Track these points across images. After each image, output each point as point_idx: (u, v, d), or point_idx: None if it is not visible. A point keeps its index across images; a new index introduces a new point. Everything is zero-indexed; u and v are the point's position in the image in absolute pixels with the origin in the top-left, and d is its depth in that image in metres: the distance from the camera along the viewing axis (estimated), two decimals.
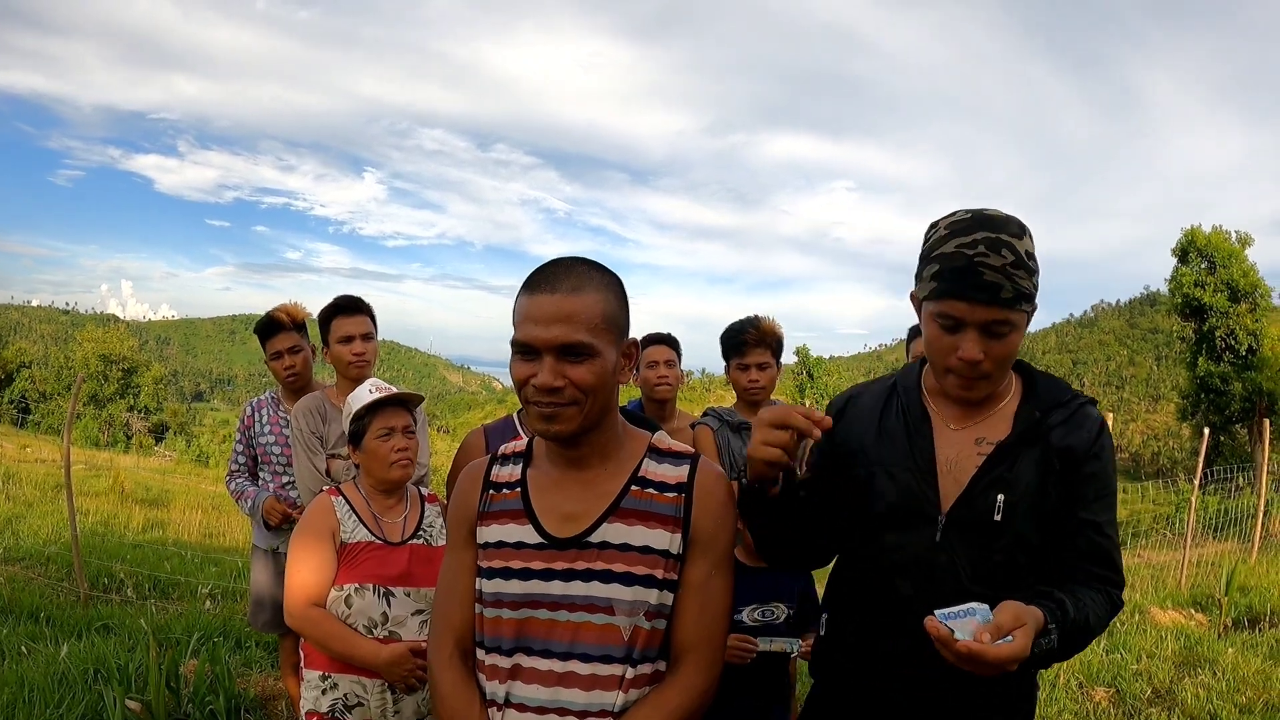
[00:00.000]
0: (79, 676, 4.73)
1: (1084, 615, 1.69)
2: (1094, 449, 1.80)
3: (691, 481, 1.79)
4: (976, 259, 1.70)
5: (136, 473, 21.42)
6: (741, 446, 3.86)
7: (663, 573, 1.73)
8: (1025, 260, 1.71)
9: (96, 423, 53.78)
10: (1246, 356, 35.49)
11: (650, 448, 1.85)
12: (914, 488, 1.84)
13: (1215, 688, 5.56)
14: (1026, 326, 1.78)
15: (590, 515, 1.75)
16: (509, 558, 1.75)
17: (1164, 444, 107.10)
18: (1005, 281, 1.69)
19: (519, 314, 1.69)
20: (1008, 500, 1.76)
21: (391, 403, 2.94)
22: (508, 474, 1.85)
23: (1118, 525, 1.86)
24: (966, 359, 1.75)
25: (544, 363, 1.65)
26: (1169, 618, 7.66)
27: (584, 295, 1.67)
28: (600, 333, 1.68)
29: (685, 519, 1.76)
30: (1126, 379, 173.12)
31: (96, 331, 67.27)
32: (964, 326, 1.74)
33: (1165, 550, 12.06)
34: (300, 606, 2.72)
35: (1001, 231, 1.71)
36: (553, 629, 1.72)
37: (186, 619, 6.41)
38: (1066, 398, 1.86)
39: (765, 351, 3.88)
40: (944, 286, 1.75)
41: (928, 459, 1.85)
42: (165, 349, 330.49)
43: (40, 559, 9.10)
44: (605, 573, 1.71)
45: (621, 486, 1.77)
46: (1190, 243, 36.52)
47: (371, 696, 2.72)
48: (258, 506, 4.13)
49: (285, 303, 4.37)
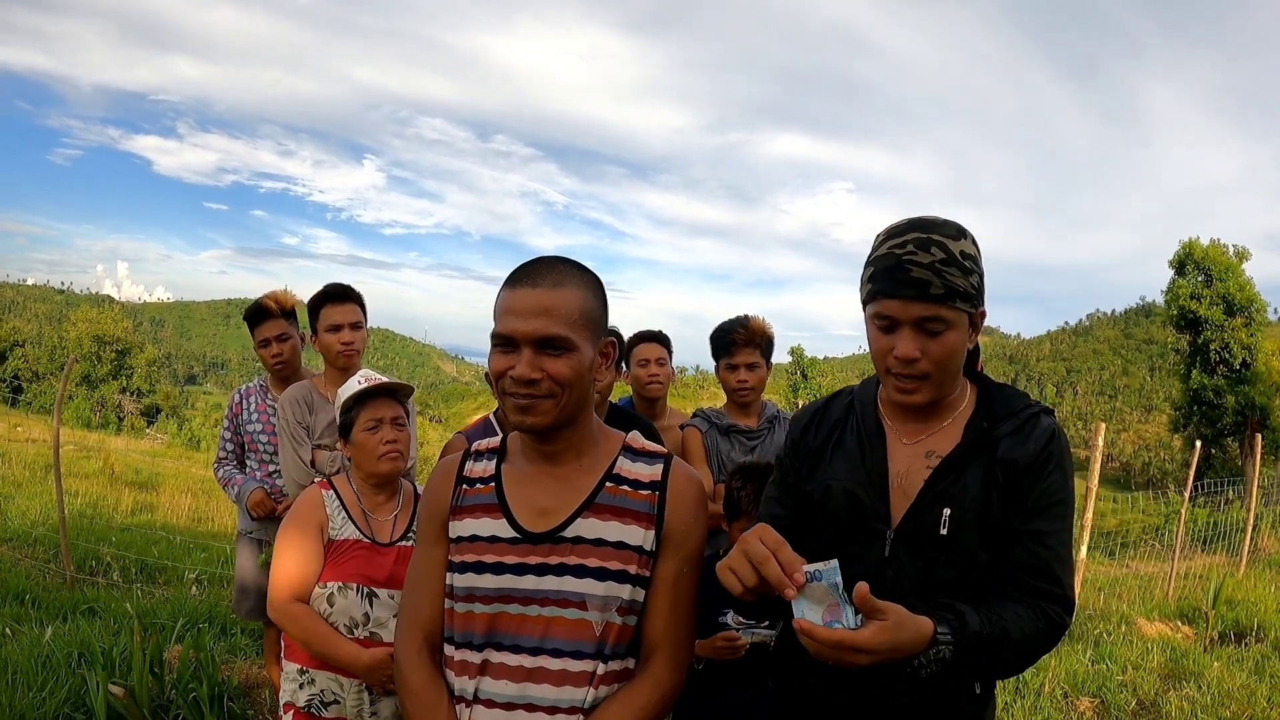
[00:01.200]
0: (63, 660, 4.71)
1: (996, 629, 1.62)
2: (1041, 458, 1.76)
3: (665, 480, 1.82)
4: (905, 257, 1.72)
5: (127, 455, 21.33)
6: (730, 449, 3.85)
7: (636, 568, 1.75)
8: (958, 259, 1.71)
9: (88, 403, 53.53)
10: (1240, 370, 35.54)
11: (625, 446, 1.88)
12: (864, 502, 1.84)
13: (1200, 701, 5.57)
14: (970, 329, 1.78)
15: (565, 510, 1.77)
16: (482, 552, 1.76)
17: (1155, 455, 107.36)
18: (934, 278, 1.69)
19: (500, 308, 1.72)
20: (953, 514, 1.75)
21: (380, 393, 2.90)
22: (482, 469, 1.87)
23: (1068, 539, 1.78)
24: (900, 357, 1.75)
25: (522, 355, 1.68)
26: (1155, 630, 7.66)
27: (563, 291, 1.70)
28: (578, 328, 1.71)
29: (659, 517, 1.79)
30: (1120, 389, 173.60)
31: (91, 312, 67.02)
32: (899, 326, 1.75)
33: (1153, 561, 12.07)
34: (283, 601, 2.69)
35: (933, 232, 1.72)
36: (524, 624, 1.73)
37: (172, 604, 6.39)
38: (1019, 407, 1.84)
39: (754, 351, 3.85)
40: (876, 287, 1.76)
41: (879, 473, 1.85)
42: (159, 331, 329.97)
43: (27, 540, 9.06)
44: (579, 567, 1.73)
45: (596, 482, 1.80)
46: (1187, 255, 36.55)
47: (348, 696, 2.71)
48: (243, 495, 4.11)
49: (275, 290, 4.35)
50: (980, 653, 1.61)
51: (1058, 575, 1.74)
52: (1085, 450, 7.43)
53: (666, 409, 4.31)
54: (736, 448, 3.84)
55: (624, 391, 4.63)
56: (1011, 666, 1.73)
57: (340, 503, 2.83)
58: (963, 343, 1.76)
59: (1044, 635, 1.70)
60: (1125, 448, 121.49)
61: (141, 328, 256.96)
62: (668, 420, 4.19)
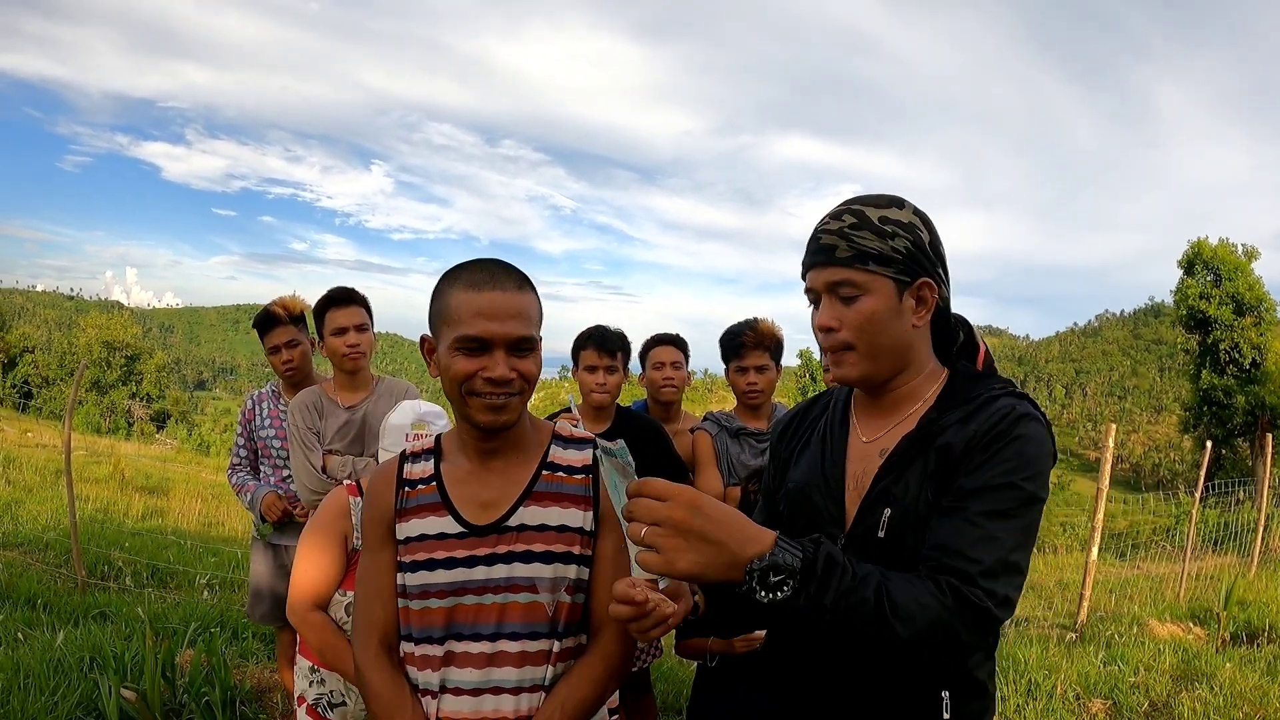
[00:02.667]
0: (75, 664, 4.73)
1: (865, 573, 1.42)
2: (983, 439, 1.57)
3: (596, 465, 1.90)
4: (818, 227, 1.70)
5: (137, 460, 21.37)
6: (740, 452, 3.84)
7: (579, 549, 1.84)
8: (874, 223, 1.64)
9: (98, 409, 53.72)
10: (1250, 370, 35.37)
11: (554, 435, 1.95)
12: (819, 504, 1.77)
13: (1213, 703, 5.54)
14: (913, 302, 1.68)
15: (506, 501, 1.84)
16: (432, 549, 1.82)
17: (1165, 455, 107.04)
18: (840, 241, 1.64)
19: (463, 310, 1.74)
20: (893, 515, 1.62)
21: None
22: (420, 470, 1.91)
23: (1015, 531, 1.52)
24: (819, 326, 1.71)
25: (496, 356, 1.74)
26: (1167, 631, 7.64)
27: (527, 293, 1.79)
28: (538, 328, 1.80)
29: (594, 499, 1.88)
30: (1129, 389, 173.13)
31: (100, 318, 67.16)
32: (820, 297, 1.71)
33: (1164, 563, 12.02)
34: (303, 608, 2.69)
35: (856, 203, 1.69)
36: (480, 612, 1.80)
37: (184, 609, 6.42)
38: (975, 394, 1.68)
39: (764, 354, 3.84)
40: (802, 264, 1.75)
41: (837, 475, 1.76)
42: (169, 337, 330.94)
43: (39, 545, 9.09)
44: (526, 553, 1.80)
45: (533, 472, 1.88)
46: (1196, 255, 36.41)
47: (353, 700, 2.73)
48: (257, 501, 4.12)
49: (283, 295, 4.37)
50: (840, 592, 1.38)
51: (978, 557, 1.48)
52: (1095, 451, 7.41)
53: (680, 413, 4.30)
54: (746, 451, 3.84)
55: (635, 394, 4.63)
56: (890, 635, 1.41)
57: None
58: (886, 310, 1.65)
59: (946, 611, 1.43)
60: (1135, 449, 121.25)
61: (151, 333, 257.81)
62: (681, 424, 4.18)
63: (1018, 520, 1.53)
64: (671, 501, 1.38)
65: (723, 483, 3.77)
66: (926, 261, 1.68)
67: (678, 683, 5.55)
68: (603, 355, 3.80)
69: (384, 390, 3.92)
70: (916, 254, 1.66)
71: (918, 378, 1.75)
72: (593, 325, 3.92)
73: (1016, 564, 1.52)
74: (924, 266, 1.67)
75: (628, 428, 3.75)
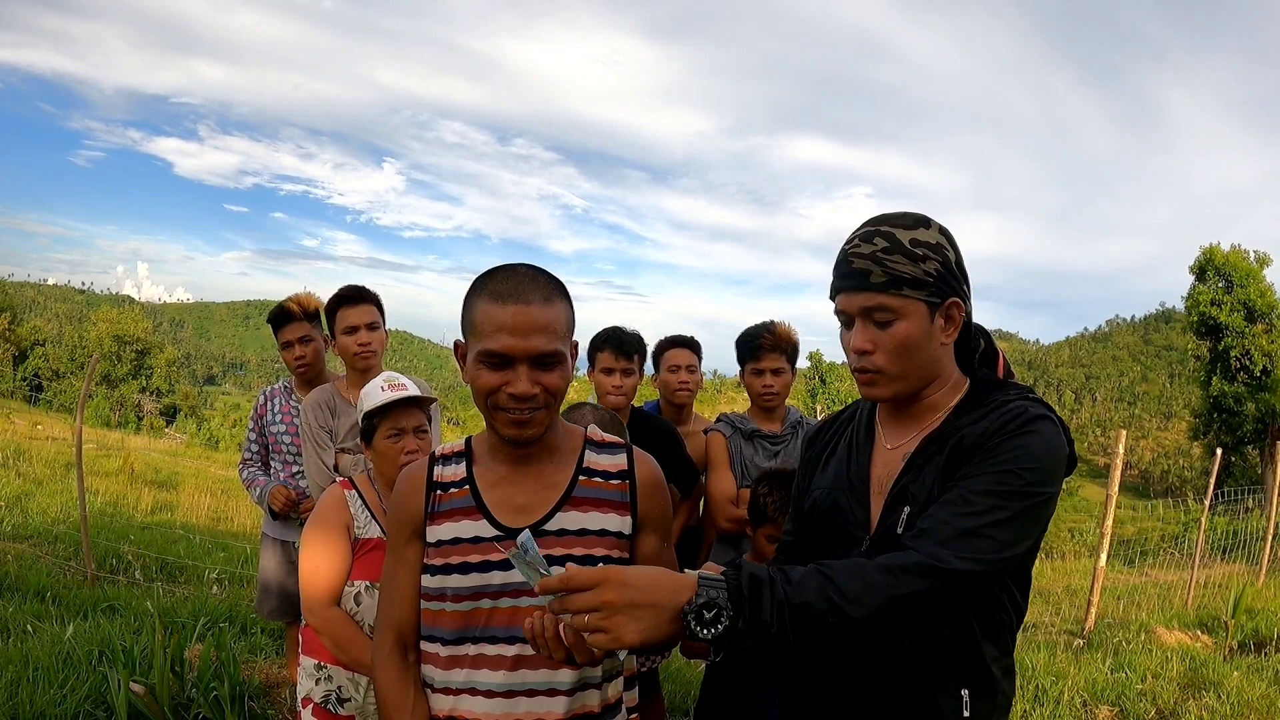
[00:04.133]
0: (84, 657, 4.75)
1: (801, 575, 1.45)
2: (993, 434, 1.61)
3: (632, 470, 1.93)
4: (849, 249, 1.71)
5: (147, 454, 21.49)
6: (754, 454, 3.85)
7: (618, 553, 1.86)
8: (905, 246, 1.66)
9: (108, 403, 53.95)
10: (1261, 377, 35.28)
11: (587, 439, 1.96)
12: (846, 509, 1.82)
13: (1220, 711, 5.53)
14: (943, 320, 1.71)
15: (544, 505, 1.84)
16: (466, 553, 1.81)
17: (1174, 462, 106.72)
18: (874, 267, 1.66)
19: (487, 323, 1.71)
20: (911, 512, 1.68)
21: (403, 403, 2.92)
22: (452, 473, 1.90)
23: (996, 502, 1.54)
24: (853, 349, 1.73)
25: (519, 372, 1.71)
26: (1174, 638, 7.62)
27: (554, 306, 1.74)
28: (566, 340, 1.77)
29: (632, 504, 1.90)
30: (1139, 395, 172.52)
31: (111, 312, 67.56)
32: (853, 320, 1.73)
33: (1172, 570, 11.99)
34: (320, 605, 2.71)
35: (884, 224, 1.70)
36: (515, 615, 1.78)
37: (193, 603, 6.43)
38: (990, 399, 1.72)
39: (780, 357, 3.86)
40: (832, 284, 1.76)
41: (862, 480, 1.82)
42: (179, 331, 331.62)
43: (48, 537, 9.14)
44: (565, 557, 1.79)
45: (570, 477, 1.88)
46: (1208, 261, 36.36)
47: (363, 695, 2.75)
48: (265, 496, 4.14)
49: (298, 292, 4.38)
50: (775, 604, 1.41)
51: (944, 518, 1.53)
52: (1104, 457, 7.40)
53: (693, 415, 4.31)
54: (760, 452, 3.85)
55: (646, 394, 4.63)
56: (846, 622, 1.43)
57: (363, 502, 2.85)
58: (920, 334, 1.69)
59: (896, 580, 1.46)
60: (1144, 455, 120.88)
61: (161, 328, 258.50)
62: (693, 426, 4.20)
63: (1008, 502, 1.55)
64: (597, 587, 1.41)
65: (735, 484, 3.78)
66: (954, 281, 1.71)
67: (686, 683, 5.56)
68: (620, 358, 3.82)
69: None
70: (946, 275, 1.69)
71: (943, 389, 1.79)
72: (610, 326, 3.93)
73: (993, 535, 1.53)
74: (953, 286, 1.71)
75: (642, 429, 3.77)
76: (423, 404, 2.99)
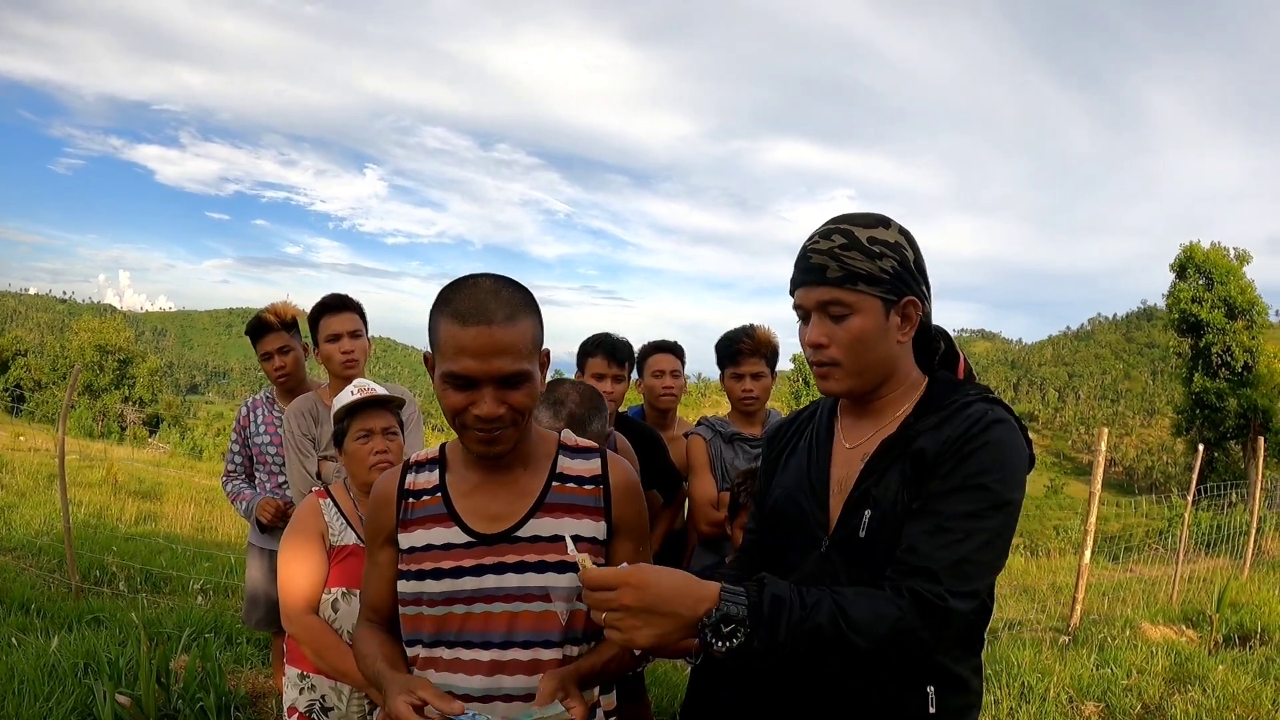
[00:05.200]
0: (69, 669, 4.72)
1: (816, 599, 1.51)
2: (955, 443, 1.63)
3: (606, 474, 1.92)
4: (808, 246, 1.75)
5: (130, 464, 21.34)
6: (734, 457, 3.86)
7: (593, 558, 1.80)
8: (862, 244, 1.69)
9: (91, 413, 53.59)
10: (1242, 373, 35.53)
11: (560, 444, 1.95)
12: (805, 509, 1.83)
13: (1205, 705, 5.56)
14: (899, 319, 1.74)
15: (516, 513, 1.84)
16: (439, 559, 1.82)
17: (1158, 458, 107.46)
18: (831, 262, 1.70)
19: (449, 344, 1.69)
20: (873, 516, 1.69)
21: (371, 404, 2.93)
22: (425, 480, 1.91)
23: (984, 535, 1.58)
24: (809, 343, 1.76)
25: (484, 393, 1.70)
26: (1160, 633, 7.66)
27: (518, 324, 1.70)
28: (531, 357, 1.74)
29: (606, 509, 1.89)
30: (1122, 393, 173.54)
31: (93, 321, 67.08)
32: (809, 314, 1.76)
33: (1157, 565, 12.06)
34: (298, 613, 2.71)
35: (844, 222, 1.74)
36: (490, 621, 1.80)
37: (178, 614, 6.40)
38: (949, 400, 1.74)
39: (760, 361, 3.86)
40: (791, 280, 1.79)
41: (822, 480, 1.83)
42: (161, 340, 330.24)
43: (32, 549, 9.07)
44: (540, 563, 1.81)
45: (543, 484, 1.88)
46: (1189, 259, 36.58)
47: (346, 704, 2.74)
48: (252, 509, 4.12)
49: (275, 302, 4.36)
50: (790, 625, 1.48)
51: (932, 551, 1.56)
52: (1088, 455, 7.44)
53: (676, 420, 4.32)
54: (741, 456, 3.86)
55: (630, 400, 4.63)
56: (852, 650, 1.50)
57: (338, 509, 2.85)
58: (874, 329, 1.71)
59: (903, 615, 1.52)
60: (1128, 452, 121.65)
61: (143, 337, 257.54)
62: (676, 430, 4.20)
63: (985, 521, 1.59)
64: (620, 589, 1.48)
65: (716, 487, 3.79)
66: (911, 280, 1.73)
67: (672, 687, 5.56)
68: (611, 364, 3.83)
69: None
70: (903, 273, 1.72)
71: (900, 388, 1.81)
72: (601, 333, 3.94)
73: (980, 561, 1.59)
74: (909, 285, 1.73)
75: (626, 435, 3.77)
76: (390, 405, 2.99)
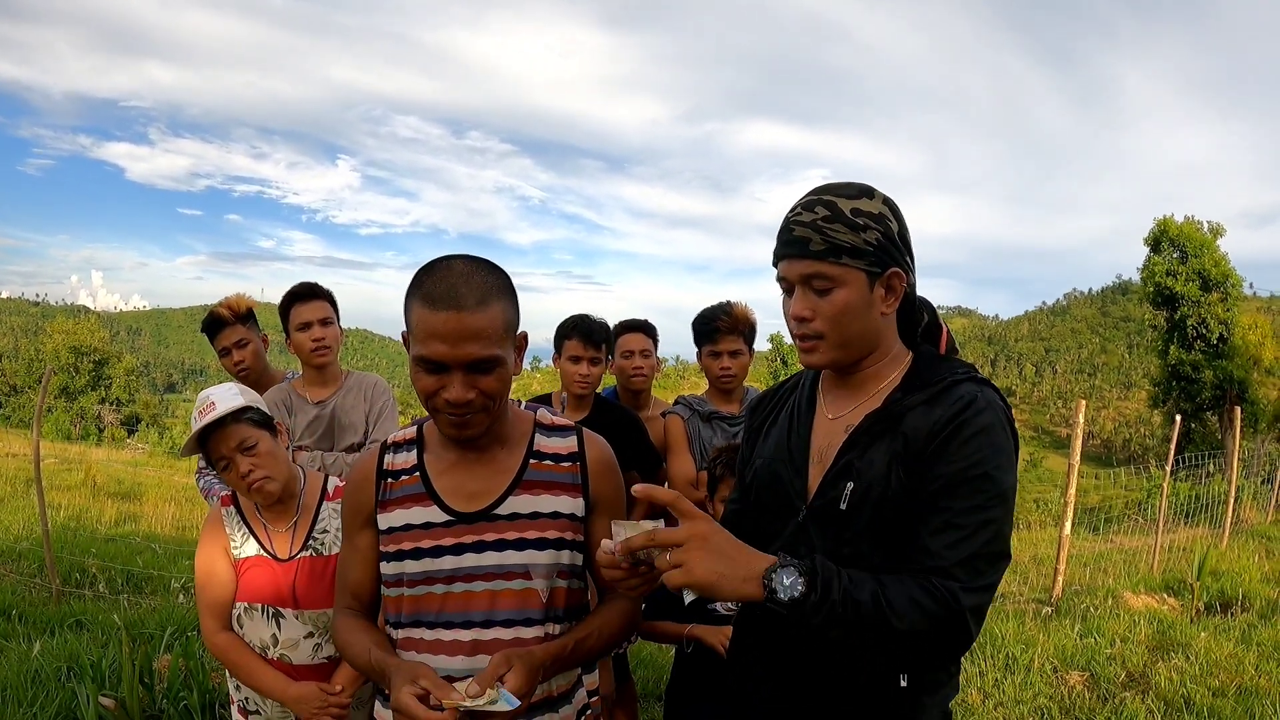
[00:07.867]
0: (52, 674, 4.69)
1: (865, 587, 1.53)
2: (948, 427, 1.62)
3: (582, 451, 1.94)
4: (791, 218, 1.72)
5: (109, 466, 21.16)
6: (713, 435, 3.85)
7: (571, 535, 1.88)
8: (846, 215, 1.66)
9: (68, 415, 53.14)
10: (1217, 345, 35.76)
11: (537, 423, 1.96)
12: (784, 478, 1.82)
13: (1189, 671, 5.61)
14: (884, 291, 1.72)
15: (494, 491, 1.85)
16: (418, 538, 1.82)
17: (1135, 431, 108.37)
18: (814, 235, 1.67)
19: (421, 328, 1.68)
20: (855, 489, 1.67)
21: (212, 429, 2.51)
22: (403, 461, 1.91)
23: (991, 522, 1.59)
24: (792, 316, 1.74)
25: (454, 378, 1.70)
26: (1142, 602, 7.73)
27: (489, 309, 1.69)
28: (504, 341, 1.73)
29: (584, 485, 1.91)
30: (1099, 366, 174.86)
31: (67, 323, 66.52)
32: (793, 287, 1.74)
33: (1137, 536, 12.14)
34: (210, 632, 2.63)
35: (827, 193, 1.70)
36: (470, 599, 1.81)
37: (160, 614, 6.36)
38: (938, 376, 1.72)
39: (737, 339, 3.84)
40: (774, 253, 1.77)
41: (801, 449, 1.82)
42: (137, 340, 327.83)
43: (11, 555, 8.99)
44: (519, 540, 1.82)
45: (520, 462, 1.89)
46: (1163, 233, 36.73)
47: (268, 708, 2.67)
48: None
49: (228, 296, 4.30)
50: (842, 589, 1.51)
51: (963, 557, 1.57)
52: (1066, 428, 7.48)
53: (651, 400, 4.29)
54: (719, 434, 3.84)
55: (611, 382, 4.61)
56: (888, 629, 1.52)
57: (241, 518, 2.67)
58: (859, 302, 1.69)
59: (936, 605, 1.53)
60: (1106, 425, 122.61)
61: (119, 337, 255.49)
62: (652, 411, 4.17)
63: (991, 512, 1.60)
64: (693, 520, 1.53)
65: (695, 467, 3.78)
66: (896, 252, 1.71)
67: (658, 668, 5.57)
68: (588, 347, 3.80)
69: (353, 384, 3.89)
70: (887, 245, 1.69)
71: (884, 360, 1.79)
72: (577, 315, 3.91)
73: (991, 554, 1.60)
74: (894, 257, 1.71)
75: (605, 417, 3.76)
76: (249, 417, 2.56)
